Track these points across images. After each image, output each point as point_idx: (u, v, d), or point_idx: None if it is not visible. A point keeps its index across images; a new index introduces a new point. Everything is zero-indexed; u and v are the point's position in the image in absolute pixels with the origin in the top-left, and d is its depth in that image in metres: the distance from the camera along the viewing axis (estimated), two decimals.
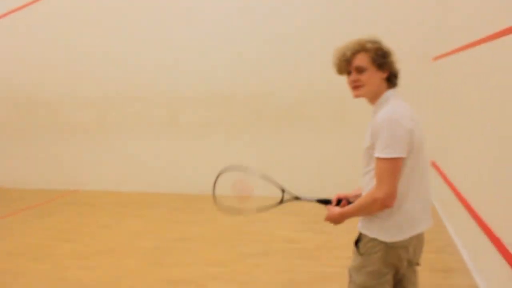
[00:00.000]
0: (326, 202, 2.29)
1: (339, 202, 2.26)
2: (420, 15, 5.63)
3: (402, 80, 6.18)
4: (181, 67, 6.63)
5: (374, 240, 2.03)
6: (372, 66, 2.02)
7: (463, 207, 3.92)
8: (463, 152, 4.21)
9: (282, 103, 6.26)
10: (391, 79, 2.10)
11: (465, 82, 4.18)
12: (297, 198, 2.41)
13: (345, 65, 2.04)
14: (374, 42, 2.07)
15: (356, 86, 2.04)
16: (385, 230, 2.01)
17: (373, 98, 2.08)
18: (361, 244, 2.07)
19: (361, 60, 2.02)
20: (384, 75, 2.06)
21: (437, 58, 5.45)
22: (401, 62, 6.24)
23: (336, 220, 2.16)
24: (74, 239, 4.86)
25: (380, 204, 1.94)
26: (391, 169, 1.93)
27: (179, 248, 4.53)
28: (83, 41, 6.95)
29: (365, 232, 2.06)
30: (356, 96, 2.06)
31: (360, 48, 2.03)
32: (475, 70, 3.79)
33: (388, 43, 2.07)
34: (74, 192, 7.10)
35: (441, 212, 5.19)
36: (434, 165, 5.57)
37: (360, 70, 2.01)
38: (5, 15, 7.14)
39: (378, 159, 1.94)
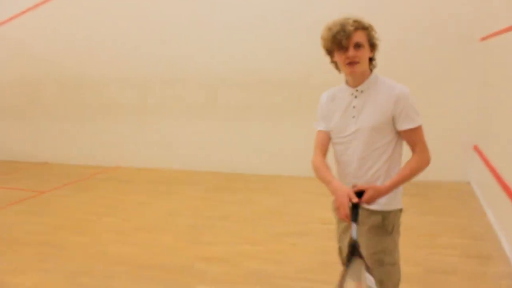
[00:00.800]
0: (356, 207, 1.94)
1: (360, 193, 1.96)
2: None
3: (448, 60, 6.04)
4: (220, 50, 6.64)
5: (398, 211, 2.18)
6: (367, 44, 2.05)
7: (505, 193, 3.80)
8: (507, 136, 4.06)
9: (319, 87, 6.18)
10: (372, 61, 2.13)
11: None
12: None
13: (344, 40, 2.00)
14: (367, 22, 2.09)
15: (354, 62, 2.02)
16: (400, 197, 2.19)
17: (361, 76, 2.09)
18: (387, 222, 2.13)
19: (360, 36, 2.02)
20: (371, 54, 2.09)
21: (484, 38, 5.24)
22: (448, 42, 6.11)
23: (382, 195, 2.01)
24: (113, 214, 5.01)
25: (426, 166, 2.08)
26: (423, 134, 2.09)
27: (216, 226, 4.60)
28: (125, 24, 7.07)
29: (392, 208, 2.15)
30: (352, 72, 2.05)
31: (360, 25, 2.04)
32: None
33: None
34: (115, 169, 7.29)
35: (482, 198, 5.04)
36: (476, 149, 5.40)
37: (358, 46, 2.01)
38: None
39: (413, 129, 2.05)
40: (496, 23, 4.65)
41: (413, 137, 2.08)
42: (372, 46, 2.08)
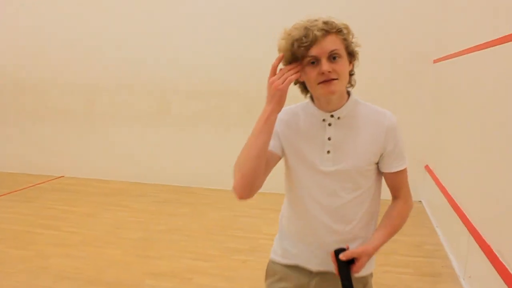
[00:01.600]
0: (345, 264, 1.55)
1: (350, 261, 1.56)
2: (421, 17, 5.60)
3: (401, 80, 6.18)
4: (173, 57, 6.52)
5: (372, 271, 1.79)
6: (345, 53, 1.50)
7: (454, 212, 3.89)
8: (457, 156, 4.18)
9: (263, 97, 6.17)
10: (351, 76, 1.60)
11: (464, 86, 4.15)
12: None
13: (305, 50, 1.45)
14: (341, 23, 1.53)
15: (330, 79, 1.46)
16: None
17: (339, 98, 1.57)
18: None
19: (335, 43, 1.47)
20: (350, 67, 1.56)
21: (437, 60, 5.41)
22: (402, 62, 6.26)
23: (370, 256, 1.60)
24: (57, 227, 4.75)
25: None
26: None
27: (165, 240, 4.44)
28: (74, 27, 6.79)
29: (371, 270, 1.77)
30: (330, 93, 1.49)
31: (333, 28, 1.49)
32: (474, 75, 3.75)
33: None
34: (59, 179, 6.97)
35: (432, 216, 5.16)
36: (427, 168, 5.54)
37: (334, 57, 1.46)
38: None
39: (402, 170, 1.65)
40: (449, 46, 4.81)
41: (399, 180, 1.68)
42: (351, 55, 1.55)
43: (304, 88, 1.61)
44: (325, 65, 1.45)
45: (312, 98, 1.64)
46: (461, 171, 3.98)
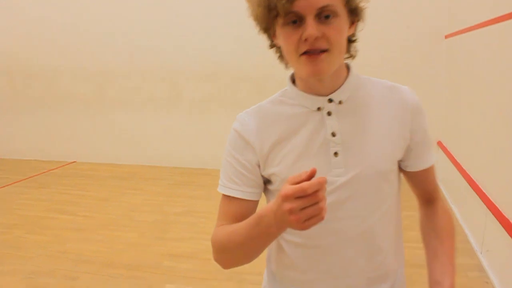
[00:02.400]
0: None
1: None
2: None
3: (413, 57, 6.12)
4: (184, 41, 6.47)
5: None
6: (343, 10, 1.03)
7: (470, 187, 3.87)
8: (472, 131, 4.14)
9: (286, 80, 6.13)
10: (351, 43, 1.14)
11: (477, 60, 4.09)
12: None
13: (286, 4, 0.97)
14: None
15: (316, 50, 1.00)
16: None
17: (335, 75, 1.11)
18: None
19: None
20: (351, 31, 1.10)
21: (449, 36, 5.34)
22: (413, 39, 6.19)
23: None
24: (72, 212, 4.79)
25: None
26: None
27: (181, 222, 4.47)
28: (84, 14, 6.75)
29: None
30: (317, 72, 1.02)
31: None
32: (487, 50, 3.70)
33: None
34: (72, 164, 7.01)
35: (447, 192, 5.15)
36: (439, 144, 5.51)
37: (326, 15, 0.99)
38: None
39: (432, 166, 1.24)
40: (461, 21, 4.73)
41: (432, 177, 1.27)
42: (353, 14, 1.07)
43: (282, 55, 1.15)
44: (311, 27, 0.97)
45: (293, 78, 1.18)
46: (476, 146, 3.95)
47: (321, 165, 1.07)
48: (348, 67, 1.17)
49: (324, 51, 1.01)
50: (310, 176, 0.87)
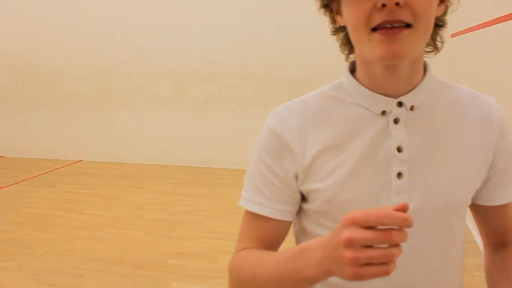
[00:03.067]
0: None
1: None
2: None
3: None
4: (187, 40, 6.49)
5: None
6: None
7: None
8: None
9: (288, 79, 6.15)
10: (439, 29, 0.91)
11: (484, 60, 4.09)
12: None
13: None
14: None
15: (397, 25, 0.74)
16: None
17: (411, 69, 0.85)
18: None
19: None
20: (439, 12, 0.85)
21: (455, 34, 5.33)
22: None
23: None
24: (79, 210, 4.81)
25: None
26: None
27: (187, 221, 4.49)
28: (85, 14, 6.78)
29: None
30: (396, 54, 0.76)
31: None
32: (495, 49, 3.70)
33: None
34: (77, 163, 7.04)
35: None
36: None
37: None
38: None
39: (508, 203, 0.98)
40: (468, 20, 4.73)
41: (508, 216, 1.01)
42: None
43: (347, 42, 0.91)
44: None
45: (354, 68, 0.93)
46: None
47: (378, 187, 0.85)
48: (425, 65, 0.91)
49: (406, 25, 0.75)
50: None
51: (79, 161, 7.13)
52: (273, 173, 0.91)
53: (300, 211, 0.96)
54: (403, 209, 0.63)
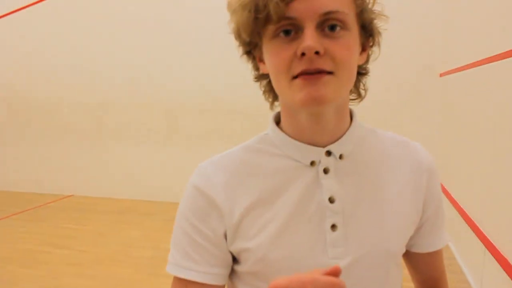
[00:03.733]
0: None
1: None
2: (427, 29, 5.62)
3: (408, 94, 6.15)
4: (182, 75, 6.55)
5: None
6: (355, 26, 0.79)
7: (467, 225, 3.87)
8: (468, 169, 4.16)
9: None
10: (362, 77, 0.91)
11: (473, 99, 4.15)
12: None
13: (282, 6, 0.72)
14: None
15: (317, 70, 0.73)
16: None
17: (336, 116, 0.84)
18: None
19: (338, 2, 0.75)
20: (362, 59, 0.86)
21: (444, 74, 5.43)
22: (408, 76, 6.24)
23: None
24: (68, 246, 4.74)
25: None
26: None
27: None
28: (83, 44, 6.86)
29: None
30: (318, 100, 0.74)
31: None
32: (483, 88, 3.76)
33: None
34: (69, 198, 6.98)
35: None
36: None
37: (332, 26, 0.74)
38: (2, 16, 7.06)
39: (440, 250, 0.99)
40: (456, 60, 4.82)
41: (441, 262, 1.02)
42: (368, 32, 0.84)
43: (270, 89, 0.90)
44: (310, 38, 0.72)
45: (279, 119, 0.92)
46: (473, 183, 3.96)
47: (313, 242, 0.81)
48: (351, 112, 0.90)
49: (327, 72, 0.74)
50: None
51: (71, 195, 7.07)
52: (200, 234, 0.85)
53: (232, 273, 0.91)
54: (335, 272, 0.60)
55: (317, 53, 0.72)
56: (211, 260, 0.85)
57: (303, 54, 0.72)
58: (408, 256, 0.98)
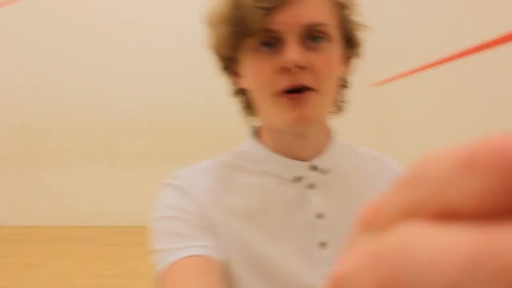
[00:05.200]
0: None
1: None
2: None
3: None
4: (117, 94, 6.36)
5: None
6: (337, 38, 0.77)
7: None
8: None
9: (228, 135, 6.13)
10: (342, 89, 0.92)
11: (404, 107, 4.26)
12: None
13: (262, 17, 0.69)
14: None
15: (300, 86, 0.71)
16: None
17: (320, 132, 0.85)
18: None
19: (320, 10, 0.73)
20: (342, 72, 0.85)
21: (376, 84, 5.57)
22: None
23: None
24: None
25: None
26: None
27: (115, 285, 4.23)
28: (4, 64, 6.53)
29: None
30: (303, 120, 0.73)
31: None
32: (413, 96, 3.87)
33: None
34: None
35: None
36: None
37: (315, 37, 0.72)
38: None
39: None
40: (387, 70, 4.96)
41: None
42: (350, 44, 0.83)
43: (249, 105, 0.85)
44: (292, 51, 0.69)
45: (256, 132, 0.87)
46: None
47: (300, 260, 0.75)
48: (329, 127, 0.89)
49: (310, 89, 0.71)
50: None
51: None
52: (189, 214, 0.76)
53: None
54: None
55: (300, 67, 0.70)
56: (207, 234, 0.75)
57: (286, 68, 0.70)
58: None
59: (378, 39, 5.57)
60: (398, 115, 4.47)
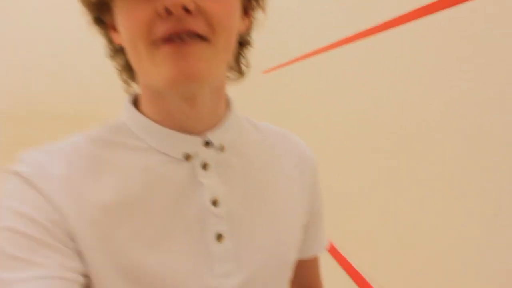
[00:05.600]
0: None
1: None
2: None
3: (234, 92, 6.31)
4: None
5: None
6: None
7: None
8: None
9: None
10: (242, 49, 0.81)
11: (293, 93, 4.35)
12: None
13: None
14: None
15: (186, 31, 0.53)
16: None
17: (214, 98, 0.66)
18: None
19: None
20: (243, 26, 0.70)
21: (267, 71, 5.63)
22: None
23: None
24: None
25: None
26: None
27: None
28: None
29: None
30: (188, 75, 0.53)
31: None
32: (302, 82, 3.95)
33: None
34: None
35: None
36: None
37: None
38: None
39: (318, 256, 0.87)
40: (277, 58, 5.02)
41: (317, 270, 0.88)
42: None
43: (129, 67, 0.68)
44: None
45: (137, 100, 0.69)
46: None
47: (194, 257, 0.61)
48: (226, 96, 0.73)
49: (200, 36, 0.55)
50: None
51: None
52: (36, 226, 0.54)
53: None
54: None
55: (187, 11, 0.52)
56: (58, 249, 0.54)
57: (167, 11, 0.52)
58: (296, 264, 0.81)
59: (267, 30, 5.62)
60: (287, 100, 4.55)
